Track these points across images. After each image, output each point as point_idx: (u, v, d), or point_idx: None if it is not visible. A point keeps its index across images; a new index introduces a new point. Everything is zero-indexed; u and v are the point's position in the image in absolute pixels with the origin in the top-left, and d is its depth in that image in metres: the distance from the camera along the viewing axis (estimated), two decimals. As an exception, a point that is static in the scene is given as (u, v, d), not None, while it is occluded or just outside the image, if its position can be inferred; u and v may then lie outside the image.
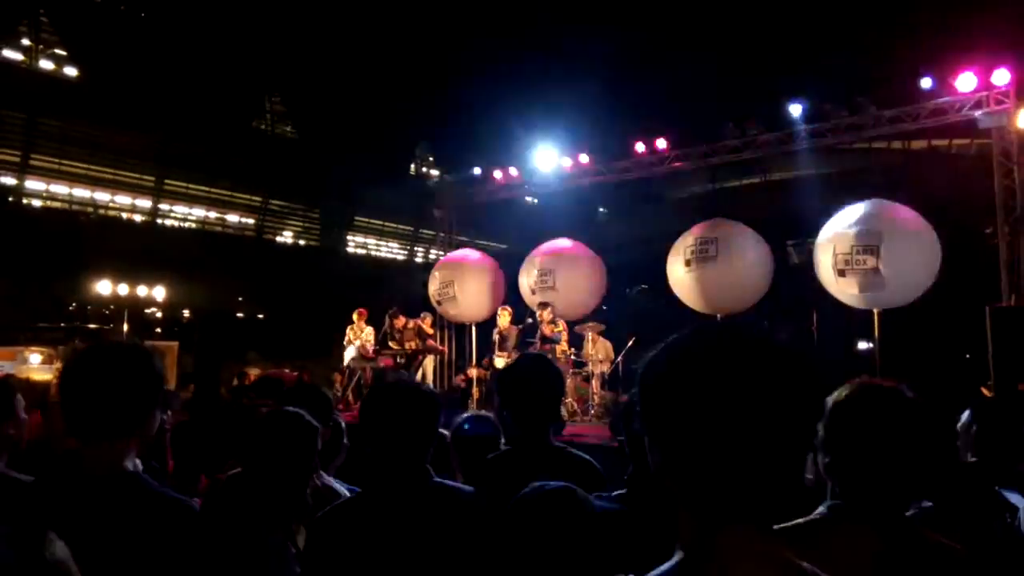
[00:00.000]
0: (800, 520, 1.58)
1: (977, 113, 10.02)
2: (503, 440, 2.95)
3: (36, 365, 13.29)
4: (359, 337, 11.91)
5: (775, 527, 0.99)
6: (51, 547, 1.18)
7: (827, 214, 10.36)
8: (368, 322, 12.12)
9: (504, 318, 10.93)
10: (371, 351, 11.80)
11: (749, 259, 10.86)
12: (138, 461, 1.80)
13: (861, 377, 1.67)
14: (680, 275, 11.22)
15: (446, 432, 3.17)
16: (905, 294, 9.74)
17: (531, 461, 2.44)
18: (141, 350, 1.86)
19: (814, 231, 10.58)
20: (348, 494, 2.57)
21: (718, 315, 11.26)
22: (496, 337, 11.04)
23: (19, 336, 14.89)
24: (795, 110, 11.40)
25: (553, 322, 10.28)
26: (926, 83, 10.39)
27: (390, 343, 11.77)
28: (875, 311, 9.97)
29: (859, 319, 10.59)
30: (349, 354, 11.99)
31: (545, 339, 10.09)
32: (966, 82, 9.93)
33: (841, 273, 9.66)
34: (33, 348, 13.76)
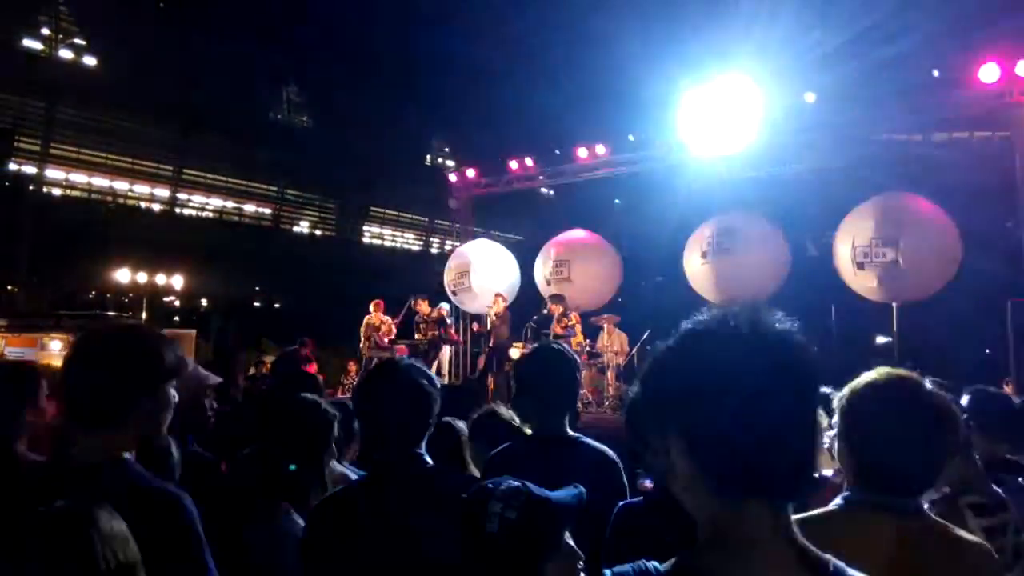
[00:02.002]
0: (816, 511, 1.57)
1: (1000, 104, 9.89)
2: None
3: (56, 352, 13.43)
4: (378, 328, 11.89)
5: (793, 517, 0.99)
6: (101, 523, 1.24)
7: (846, 206, 10.26)
8: (386, 312, 12.11)
9: (499, 305, 10.91)
10: (386, 341, 11.82)
11: (766, 252, 10.78)
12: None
13: (879, 366, 1.65)
14: (697, 267, 11.16)
15: (461, 425, 3.17)
16: (924, 288, 9.65)
17: (546, 450, 2.44)
18: (134, 336, 1.77)
19: (832, 224, 10.49)
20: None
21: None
22: (489, 325, 11.03)
23: (39, 323, 15.04)
24: (813, 99, 11.29)
25: (565, 315, 10.25)
26: (949, 74, 10.25)
27: (416, 335, 11.77)
28: (894, 305, 9.89)
29: (877, 313, 10.50)
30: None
31: (557, 336, 10.06)
32: (989, 73, 9.78)
33: (860, 266, 9.58)
34: (53, 335, 13.90)
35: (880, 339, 12.87)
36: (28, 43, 30.54)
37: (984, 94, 10.03)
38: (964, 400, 2.72)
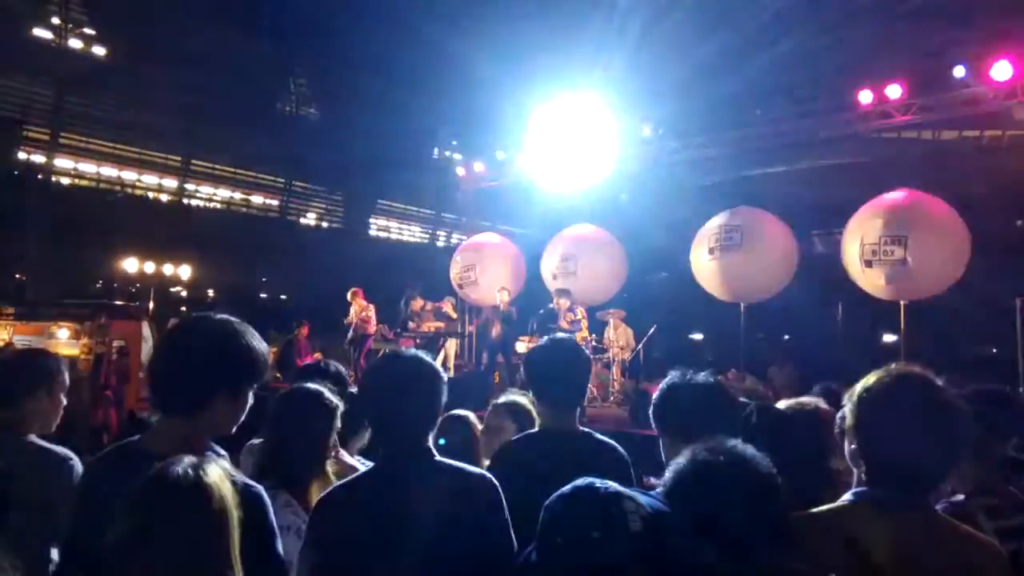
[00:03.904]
0: (826, 506, 1.56)
1: (1012, 103, 9.82)
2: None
3: (63, 340, 13.49)
4: (359, 316, 11.89)
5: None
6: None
7: (854, 204, 10.22)
8: (376, 303, 12.11)
9: (503, 299, 10.87)
10: (388, 331, 11.84)
11: (774, 248, 10.74)
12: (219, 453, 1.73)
13: (890, 364, 1.64)
14: (703, 263, 11.13)
15: (469, 414, 3.17)
16: (932, 286, 9.61)
17: (557, 445, 2.43)
18: (224, 331, 1.75)
19: (840, 221, 10.44)
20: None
21: (741, 304, 11.18)
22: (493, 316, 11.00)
23: (47, 311, 15.12)
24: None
25: (571, 310, 10.24)
26: (960, 71, 10.18)
27: (410, 325, 11.79)
28: (901, 303, 9.85)
29: (885, 311, 10.46)
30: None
31: (563, 331, 10.04)
32: (1001, 71, 9.71)
33: (868, 264, 9.53)
34: (61, 323, 13.96)
35: (887, 337, 12.83)
36: (38, 32, 30.57)
37: (996, 92, 9.97)
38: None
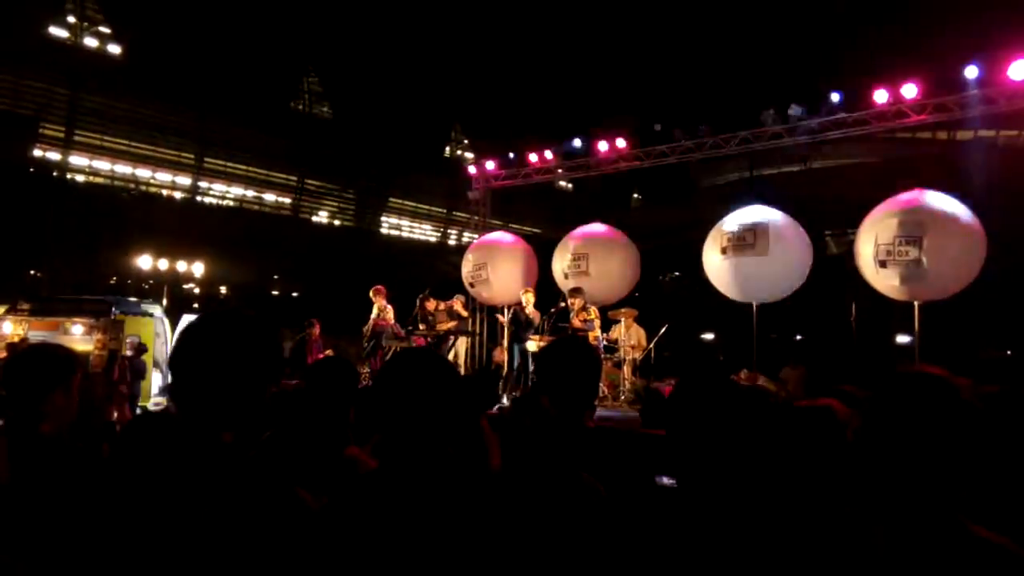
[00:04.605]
0: (839, 515, 1.55)
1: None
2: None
3: (78, 336, 13.60)
4: (383, 317, 11.94)
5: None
6: None
7: (868, 204, 10.15)
8: (389, 301, 12.16)
9: (529, 301, 10.86)
10: (400, 330, 11.87)
11: (787, 249, 10.67)
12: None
13: (904, 365, 1.63)
14: (716, 263, 11.08)
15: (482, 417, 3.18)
16: (947, 287, 9.52)
17: (566, 444, 2.43)
18: (246, 327, 1.75)
19: (854, 221, 10.38)
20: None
21: (753, 304, 11.14)
22: (513, 320, 10.98)
23: (61, 307, 15.25)
24: (838, 96, 11.17)
25: (585, 309, 10.21)
26: (975, 71, 10.10)
27: (420, 325, 11.81)
28: (916, 304, 9.78)
29: (899, 312, 10.39)
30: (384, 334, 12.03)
31: (576, 330, 10.03)
32: (1019, 70, 9.62)
33: (882, 264, 9.46)
34: (75, 319, 14.07)
35: (901, 338, 12.75)
36: (54, 30, 30.84)
37: (1012, 92, 9.87)
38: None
